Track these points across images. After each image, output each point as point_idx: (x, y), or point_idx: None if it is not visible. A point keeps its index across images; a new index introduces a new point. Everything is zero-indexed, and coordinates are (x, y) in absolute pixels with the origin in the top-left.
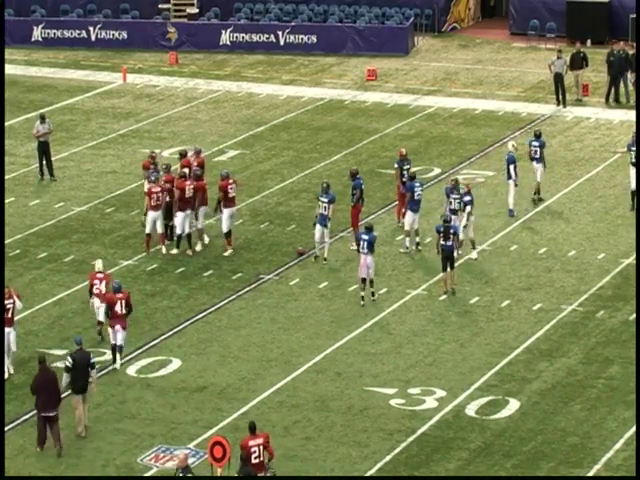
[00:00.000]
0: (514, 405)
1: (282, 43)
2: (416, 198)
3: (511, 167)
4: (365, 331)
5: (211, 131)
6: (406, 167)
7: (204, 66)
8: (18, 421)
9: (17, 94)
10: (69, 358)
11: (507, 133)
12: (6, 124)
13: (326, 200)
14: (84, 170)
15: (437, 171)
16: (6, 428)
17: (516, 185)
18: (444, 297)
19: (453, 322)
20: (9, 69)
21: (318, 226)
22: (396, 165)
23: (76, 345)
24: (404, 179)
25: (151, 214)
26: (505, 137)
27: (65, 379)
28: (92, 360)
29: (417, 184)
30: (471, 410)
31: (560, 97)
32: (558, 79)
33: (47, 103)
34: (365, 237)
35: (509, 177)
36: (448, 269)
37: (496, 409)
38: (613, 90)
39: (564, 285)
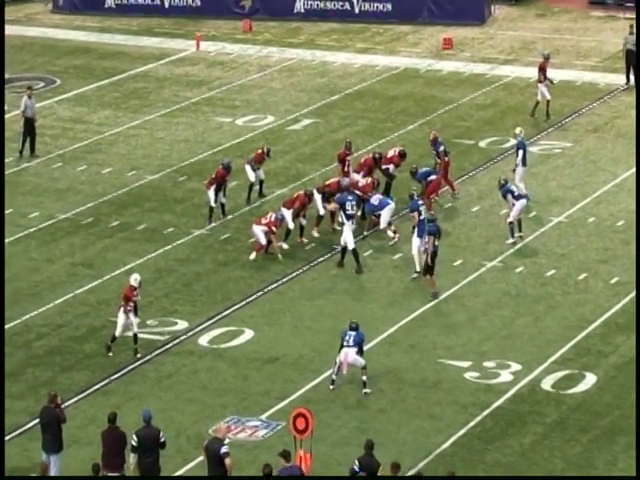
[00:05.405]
0: (590, 379)
1: (357, 11)
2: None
3: (520, 152)
4: (439, 303)
5: (284, 100)
6: (441, 149)
7: (278, 34)
8: (89, 391)
9: (90, 61)
10: (134, 436)
11: (585, 103)
12: (79, 91)
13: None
14: (156, 138)
15: (513, 142)
16: (77, 398)
17: (513, 171)
18: (521, 269)
19: (529, 295)
20: (82, 36)
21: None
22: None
23: (143, 422)
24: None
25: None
26: (582, 108)
27: (132, 459)
28: (162, 439)
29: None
30: (547, 384)
31: (631, 75)
32: (630, 56)
33: (120, 70)
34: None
35: (523, 164)
36: None
37: (572, 383)
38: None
39: None
